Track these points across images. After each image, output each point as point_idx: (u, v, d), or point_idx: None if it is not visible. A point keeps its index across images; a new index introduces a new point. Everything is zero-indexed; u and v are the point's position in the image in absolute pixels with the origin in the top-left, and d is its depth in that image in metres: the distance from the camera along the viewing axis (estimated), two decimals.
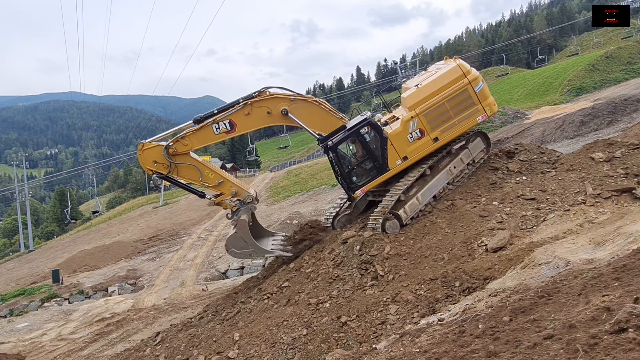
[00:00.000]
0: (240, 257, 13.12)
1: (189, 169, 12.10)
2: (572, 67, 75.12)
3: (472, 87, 12.60)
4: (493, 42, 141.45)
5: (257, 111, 11.94)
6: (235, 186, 12.45)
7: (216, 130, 11.94)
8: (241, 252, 12.29)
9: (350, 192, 12.73)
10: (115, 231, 52.04)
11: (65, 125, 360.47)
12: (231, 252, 12.33)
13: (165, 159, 11.82)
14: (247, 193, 12.51)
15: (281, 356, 8.08)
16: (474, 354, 4.00)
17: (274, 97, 12.04)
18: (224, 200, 12.40)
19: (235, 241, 12.17)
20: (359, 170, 12.82)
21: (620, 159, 11.94)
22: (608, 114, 33.85)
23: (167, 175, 12.10)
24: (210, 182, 12.20)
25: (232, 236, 12.26)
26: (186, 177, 12.16)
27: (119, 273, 28.15)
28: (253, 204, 12.56)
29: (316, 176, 53.85)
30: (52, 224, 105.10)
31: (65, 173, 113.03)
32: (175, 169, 11.98)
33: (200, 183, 12.21)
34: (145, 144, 12.02)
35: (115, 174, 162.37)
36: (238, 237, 12.14)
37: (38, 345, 16.29)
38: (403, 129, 12.42)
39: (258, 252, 12.45)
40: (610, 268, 5.40)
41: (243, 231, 12.15)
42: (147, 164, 11.94)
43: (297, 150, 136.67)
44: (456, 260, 9.50)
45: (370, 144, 12.56)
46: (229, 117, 11.89)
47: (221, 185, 12.31)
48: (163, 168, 11.95)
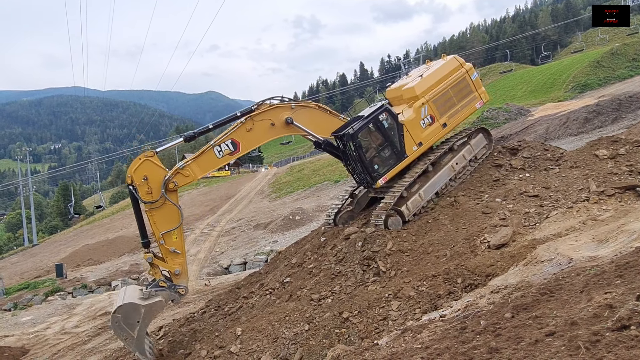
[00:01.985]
0: (116, 332, 9.74)
1: (169, 214, 10.15)
2: (577, 63, 74.55)
3: (469, 76, 13.49)
4: (497, 38, 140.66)
5: (259, 125, 11.26)
6: (183, 267, 10.34)
7: (219, 154, 10.87)
8: (124, 328, 9.50)
9: (373, 182, 12.47)
10: (119, 226, 52.23)
11: (69, 120, 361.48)
12: (115, 318, 9.45)
13: (159, 189, 9.98)
14: (185, 284, 10.37)
15: (283, 351, 8.12)
16: (476, 350, 4.00)
17: (276, 107, 11.54)
18: (158, 266, 10.22)
19: (130, 314, 9.51)
20: (378, 159, 12.67)
21: (625, 156, 11.88)
22: (612, 111, 33.62)
23: (139, 198, 10.01)
24: (167, 244, 10.10)
25: (131, 305, 9.57)
26: (155, 218, 10.08)
27: (122, 267, 28.33)
28: (180, 296, 10.28)
29: (319, 172, 53.87)
30: (55, 219, 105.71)
31: (69, 168, 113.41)
32: (160, 204, 10.01)
33: (158, 233, 10.09)
34: (155, 156, 10.19)
35: (118, 169, 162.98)
36: (138, 313, 9.56)
37: (42, 339, 16.42)
38: (416, 115, 12.61)
39: (136, 344, 9.65)
40: (613, 265, 5.38)
41: (148, 314, 9.75)
42: (136, 174, 9.94)
43: (299, 146, 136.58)
44: (458, 257, 9.49)
45: (389, 130, 12.55)
46: (230, 136, 10.97)
47: (174, 255, 10.17)
48: (145, 192, 9.96)
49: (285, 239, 26.68)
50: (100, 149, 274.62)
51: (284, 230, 30.15)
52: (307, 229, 25.35)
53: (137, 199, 10.13)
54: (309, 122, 11.99)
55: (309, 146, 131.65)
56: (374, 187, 12.84)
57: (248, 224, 34.48)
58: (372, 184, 12.58)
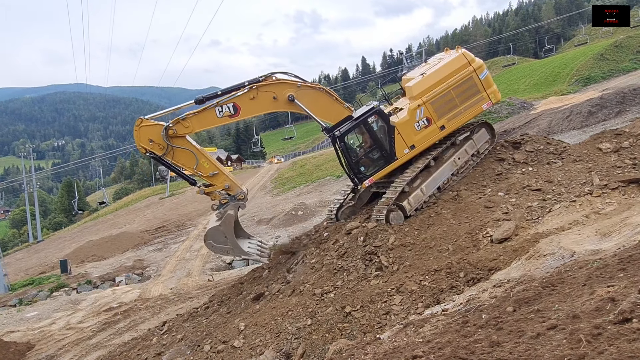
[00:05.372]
0: (216, 252, 12.29)
1: (185, 154, 11.56)
2: (581, 56, 74.01)
3: (477, 75, 12.66)
4: (500, 31, 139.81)
5: (262, 96, 11.55)
6: (229, 180, 11.93)
7: (219, 113, 11.41)
8: (219, 246, 11.81)
9: (359, 182, 12.50)
10: (122, 222, 52.47)
11: (72, 117, 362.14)
12: (209, 244, 11.83)
13: (162, 139, 11.25)
14: (240, 189, 12.04)
15: (286, 346, 8.14)
16: (477, 344, 4.00)
17: (281, 82, 11.69)
18: (214, 191, 11.90)
19: (216, 234, 11.71)
20: (366, 160, 12.65)
21: (628, 149, 11.82)
22: (616, 104, 33.38)
23: (161, 157, 11.50)
24: (204, 172, 11.69)
25: (214, 228, 11.78)
26: (180, 162, 11.60)
27: (126, 263, 28.45)
28: (243, 201, 12.04)
29: (321, 167, 53.81)
30: (59, 215, 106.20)
31: (72, 164, 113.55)
32: (171, 151, 11.41)
33: (194, 171, 11.67)
34: (144, 120, 11.43)
35: (121, 165, 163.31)
36: (220, 231, 11.69)
37: (47, 334, 16.54)
38: (410, 118, 12.33)
39: (235, 251, 12.02)
40: (616, 259, 5.36)
41: (227, 226, 11.72)
42: (142, 142, 11.32)
43: (302, 142, 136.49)
44: (461, 251, 9.48)
45: (378, 133, 12.45)
46: (233, 100, 11.42)
47: (215, 177, 11.81)
48: (158, 149, 11.35)
49: (287, 235, 26.72)
50: (103, 146, 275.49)
51: (287, 226, 30.20)
52: (309, 224, 25.39)
53: (162, 160, 11.60)
54: (312, 103, 11.88)
55: (311, 141, 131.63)
56: (360, 188, 12.89)
57: (251, 219, 34.53)
58: (358, 184, 12.60)
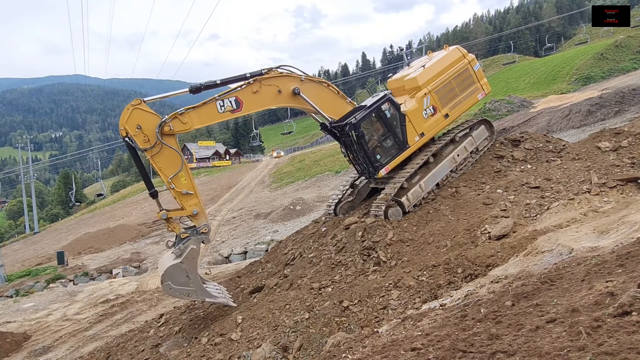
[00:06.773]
0: (174, 296, 10.07)
1: (170, 158, 9.92)
2: (581, 55, 74.07)
3: (472, 67, 13.51)
4: (501, 29, 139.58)
5: (266, 89, 11.04)
6: (199, 206, 10.19)
7: (220, 109, 10.57)
8: (179, 288, 9.77)
9: (375, 172, 12.39)
10: (120, 214, 52.41)
11: (70, 108, 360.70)
12: (166, 286, 9.65)
13: (155, 134, 9.71)
14: (206, 222, 10.35)
15: (283, 339, 8.15)
16: (476, 336, 4.02)
17: (286, 75, 11.44)
18: (175, 220, 10.06)
19: (176, 273, 9.69)
20: (381, 149, 12.61)
21: (627, 148, 11.84)
22: (616, 103, 33.47)
23: (137, 147, 9.79)
24: (178, 186, 9.90)
25: (174, 266, 9.72)
26: (159, 165, 9.82)
27: (123, 256, 28.48)
28: (207, 236, 10.33)
29: (320, 162, 53.84)
30: (57, 207, 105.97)
31: (70, 156, 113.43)
32: (157, 149, 9.73)
33: (167, 180, 9.84)
34: (143, 103, 9.85)
35: (119, 158, 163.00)
36: (182, 269, 9.73)
37: (44, 325, 16.55)
38: (419, 106, 12.60)
39: (199, 294, 10.00)
40: (614, 255, 5.39)
41: (190, 263, 9.85)
42: (129, 125, 9.58)
43: (301, 137, 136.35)
44: (459, 247, 9.51)
45: (391, 120, 12.49)
46: (235, 94, 10.69)
47: (186, 197, 10.01)
48: (142, 140, 9.66)
49: (285, 229, 26.76)
50: (101, 138, 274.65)
51: (285, 220, 30.24)
52: (307, 219, 25.41)
53: (135, 151, 9.93)
54: (316, 98, 11.76)
55: (310, 136, 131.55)
56: (376, 177, 12.81)
57: (249, 213, 34.55)
58: (374, 174, 12.51)
